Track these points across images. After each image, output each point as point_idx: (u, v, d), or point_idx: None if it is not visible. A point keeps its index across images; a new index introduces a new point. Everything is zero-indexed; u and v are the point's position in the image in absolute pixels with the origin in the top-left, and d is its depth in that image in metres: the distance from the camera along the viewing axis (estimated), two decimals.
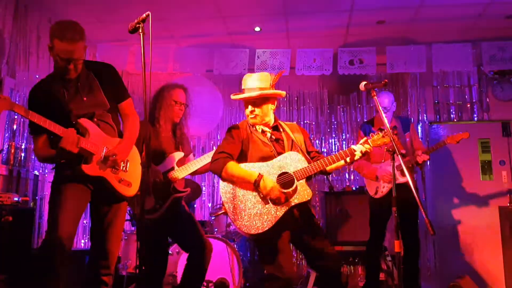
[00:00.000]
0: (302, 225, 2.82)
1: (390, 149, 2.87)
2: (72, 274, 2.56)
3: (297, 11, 4.90)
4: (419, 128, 5.65)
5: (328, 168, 2.83)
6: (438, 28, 5.22)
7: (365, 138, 2.83)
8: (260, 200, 2.72)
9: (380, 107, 2.82)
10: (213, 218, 4.93)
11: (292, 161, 2.80)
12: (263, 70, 5.42)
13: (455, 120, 5.65)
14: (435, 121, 5.69)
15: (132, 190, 2.70)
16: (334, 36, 5.48)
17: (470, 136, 4.14)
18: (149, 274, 3.15)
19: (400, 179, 3.99)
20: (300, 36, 5.53)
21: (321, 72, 5.43)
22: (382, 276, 5.33)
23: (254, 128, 2.93)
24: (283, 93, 2.95)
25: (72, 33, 2.39)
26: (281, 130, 2.99)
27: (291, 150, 2.89)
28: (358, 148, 2.77)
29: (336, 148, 6.43)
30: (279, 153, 2.85)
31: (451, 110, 5.70)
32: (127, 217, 3.97)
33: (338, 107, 6.56)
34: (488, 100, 5.62)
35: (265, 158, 2.82)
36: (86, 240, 5.56)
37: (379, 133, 2.79)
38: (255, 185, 2.70)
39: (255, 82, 2.89)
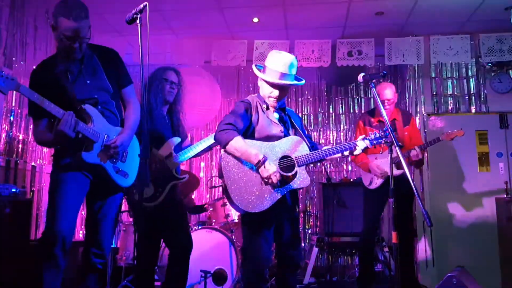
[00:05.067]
0: (289, 213, 2.87)
1: (389, 141, 2.88)
2: (71, 265, 2.57)
3: (296, 2, 4.87)
4: (417, 119, 5.65)
5: (328, 158, 2.87)
6: (437, 19, 5.21)
7: (363, 136, 2.92)
8: (261, 180, 2.69)
9: (378, 99, 2.85)
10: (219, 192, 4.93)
11: (294, 146, 2.81)
12: (261, 62, 5.40)
13: (453, 111, 5.65)
14: (433, 113, 5.69)
15: (129, 180, 2.71)
16: (333, 27, 5.46)
17: (466, 130, 4.15)
18: (142, 265, 3.16)
19: (394, 172, 4.03)
20: (298, 28, 5.50)
21: (320, 64, 5.42)
22: (378, 267, 5.37)
23: (264, 106, 2.90)
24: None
25: (78, 10, 2.40)
26: (285, 112, 3.02)
27: (293, 133, 2.92)
28: (361, 145, 2.82)
29: (334, 139, 6.43)
30: (285, 135, 2.86)
31: (449, 102, 5.69)
32: (126, 207, 3.97)
33: (337, 98, 6.56)
34: (486, 92, 5.61)
35: (271, 138, 2.80)
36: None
37: (381, 142, 2.85)
38: (257, 167, 2.66)
39: (295, 70, 2.90)
